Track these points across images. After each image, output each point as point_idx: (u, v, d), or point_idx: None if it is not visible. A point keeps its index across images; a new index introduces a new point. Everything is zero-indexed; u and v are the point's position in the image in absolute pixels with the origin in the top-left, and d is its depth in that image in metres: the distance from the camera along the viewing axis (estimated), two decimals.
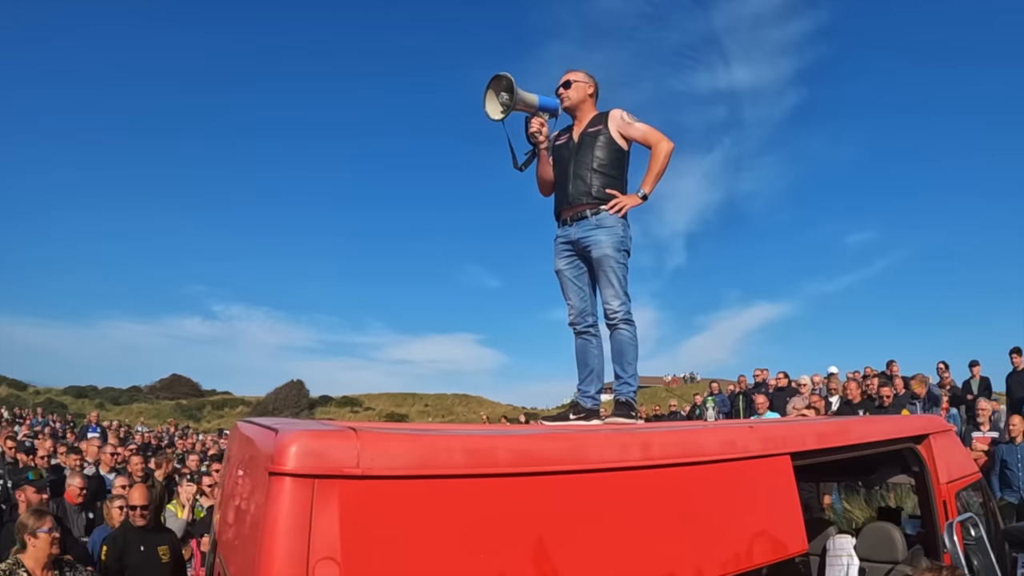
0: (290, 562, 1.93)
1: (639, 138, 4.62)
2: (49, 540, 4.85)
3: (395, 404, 63.59)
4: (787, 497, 3.28)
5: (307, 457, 2.01)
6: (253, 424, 2.95)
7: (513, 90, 4.62)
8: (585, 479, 2.53)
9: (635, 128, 4.61)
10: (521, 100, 4.67)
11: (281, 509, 1.97)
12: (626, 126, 4.61)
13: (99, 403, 56.60)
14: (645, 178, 4.57)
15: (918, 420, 5.34)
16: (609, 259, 4.49)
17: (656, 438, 2.86)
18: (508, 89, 4.66)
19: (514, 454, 2.38)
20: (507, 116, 4.71)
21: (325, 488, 2.00)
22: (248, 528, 2.30)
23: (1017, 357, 14.19)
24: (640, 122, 4.64)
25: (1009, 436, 10.46)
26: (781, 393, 14.40)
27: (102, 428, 22.49)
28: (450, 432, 2.38)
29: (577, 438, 2.66)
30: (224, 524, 3.23)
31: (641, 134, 4.62)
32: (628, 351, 4.54)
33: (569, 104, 4.77)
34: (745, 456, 3.16)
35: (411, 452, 2.16)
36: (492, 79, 4.70)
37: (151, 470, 10.04)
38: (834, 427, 4.19)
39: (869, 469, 5.58)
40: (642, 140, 4.62)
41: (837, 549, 5.26)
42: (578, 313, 4.74)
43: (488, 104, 4.76)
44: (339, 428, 2.17)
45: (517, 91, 4.63)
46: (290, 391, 61.71)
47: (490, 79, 4.71)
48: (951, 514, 4.50)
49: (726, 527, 2.96)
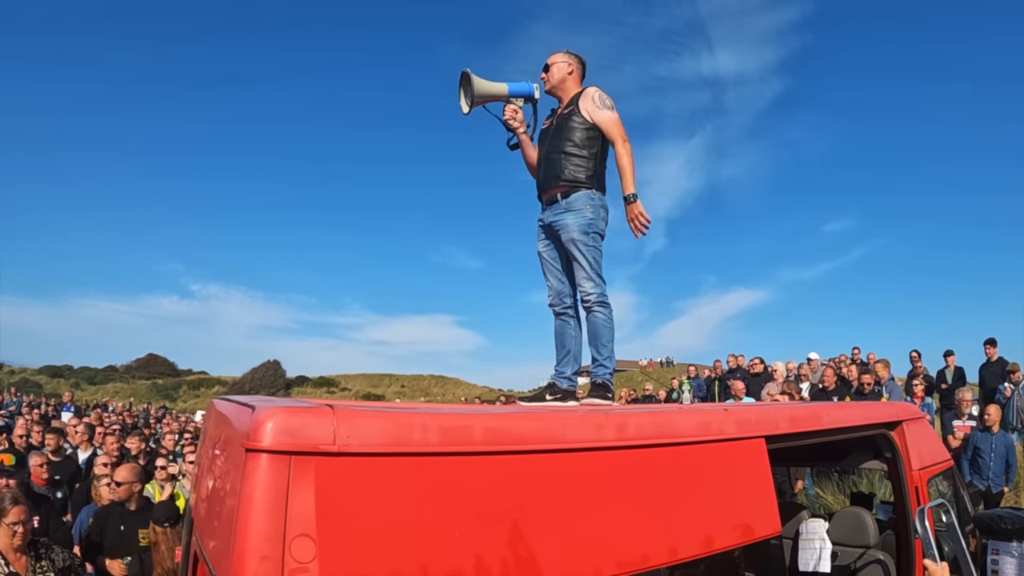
0: (266, 539, 1.93)
1: (602, 126, 4.58)
2: (10, 532, 4.81)
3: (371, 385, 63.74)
4: (761, 480, 3.31)
5: (283, 434, 2.00)
6: (229, 401, 2.93)
7: (470, 84, 4.71)
8: (560, 458, 2.55)
9: (601, 115, 4.59)
10: (484, 93, 4.77)
11: (257, 486, 1.97)
12: (595, 109, 4.59)
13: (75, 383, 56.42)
14: (623, 182, 4.55)
15: (891, 407, 5.38)
16: (576, 242, 4.49)
17: (631, 419, 2.87)
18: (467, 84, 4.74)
19: (489, 432, 2.39)
20: (473, 109, 4.81)
21: (302, 465, 2.00)
22: (224, 506, 2.29)
23: (991, 348, 14.41)
24: (608, 109, 4.60)
25: (985, 425, 10.62)
26: (756, 379, 14.52)
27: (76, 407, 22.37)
28: (426, 410, 2.39)
29: (552, 417, 2.67)
30: (199, 502, 3.22)
31: (604, 124, 4.58)
32: (603, 333, 4.56)
33: (550, 86, 4.80)
34: (720, 438, 3.18)
35: (387, 429, 2.17)
36: (461, 76, 4.78)
37: (127, 450, 9.99)
38: (807, 412, 4.22)
39: (842, 454, 5.63)
40: (604, 129, 4.59)
41: (809, 533, 5.31)
42: (556, 295, 4.76)
43: (461, 100, 4.85)
44: (316, 405, 2.17)
45: (475, 86, 4.72)
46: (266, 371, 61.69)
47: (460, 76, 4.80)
48: (923, 500, 4.55)
49: (700, 508, 2.98)
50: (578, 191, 4.53)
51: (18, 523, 4.83)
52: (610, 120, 4.58)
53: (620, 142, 4.55)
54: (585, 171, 4.55)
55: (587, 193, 4.54)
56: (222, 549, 2.19)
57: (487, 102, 4.84)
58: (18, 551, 4.89)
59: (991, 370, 14.21)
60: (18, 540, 4.86)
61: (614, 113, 4.61)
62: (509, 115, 4.88)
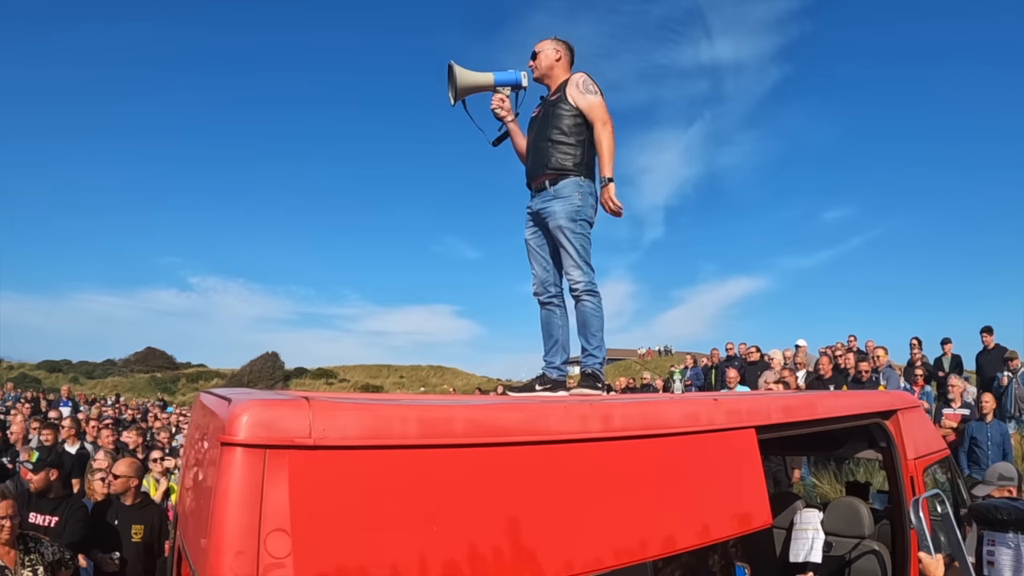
0: (241, 534, 1.90)
1: (584, 110, 4.55)
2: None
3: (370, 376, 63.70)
4: (751, 470, 3.28)
5: (258, 427, 1.97)
6: (212, 395, 2.91)
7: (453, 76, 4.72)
8: (544, 450, 2.51)
9: (584, 99, 4.55)
10: (468, 84, 4.77)
11: (232, 480, 1.94)
12: (579, 95, 4.56)
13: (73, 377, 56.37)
14: (600, 164, 4.54)
15: (886, 396, 5.35)
16: (564, 229, 4.46)
17: (617, 410, 2.83)
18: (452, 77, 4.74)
19: (470, 424, 2.35)
20: (459, 100, 4.82)
21: (276, 458, 1.97)
22: (203, 500, 2.27)
23: (988, 336, 14.37)
24: (592, 94, 4.58)
25: (980, 414, 10.58)
26: (753, 367, 14.51)
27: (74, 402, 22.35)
28: (407, 402, 2.35)
29: (535, 409, 2.63)
30: (183, 497, 3.21)
31: (587, 108, 4.55)
32: (593, 322, 4.52)
33: (538, 74, 4.77)
34: (708, 429, 3.14)
35: (364, 422, 2.13)
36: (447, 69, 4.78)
37: (123, 444, 9.96)
38: (800, 401, 4.19)
39: (837, 444, 5.61)
40: (586, 113, 4.56)
41: (803, 523, 5.29)
42: (540, 283, 4.73)
43: (449, 92, 4.84)
44: (292, 397, 2.14)
45: (458, 78, 4.73)
46: (265, 363, 61.65)
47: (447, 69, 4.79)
48: (918, 490, 4.53)
49: (688, 500, 2.94)
50: (566, 178, 4.50)
51: (5, 518, 4.81)
52: (592, 103, 4.54)
53: (599, 124, 4.52)
54: (573, 158, 4.51)
55: (575, 180, 4.50)
56: (200, 544, 2.17)
57: (473, 93, 4.82)
58: (6, 545, 4.88)
59: (989, 358, 14.18)
60: (5, 535, 4.84)
61: (597, 97, 4.57)
62: (496, 104, 4.85)
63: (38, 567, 5.00)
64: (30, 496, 6.11)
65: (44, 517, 6.05)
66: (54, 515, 6.09)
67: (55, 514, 6.10)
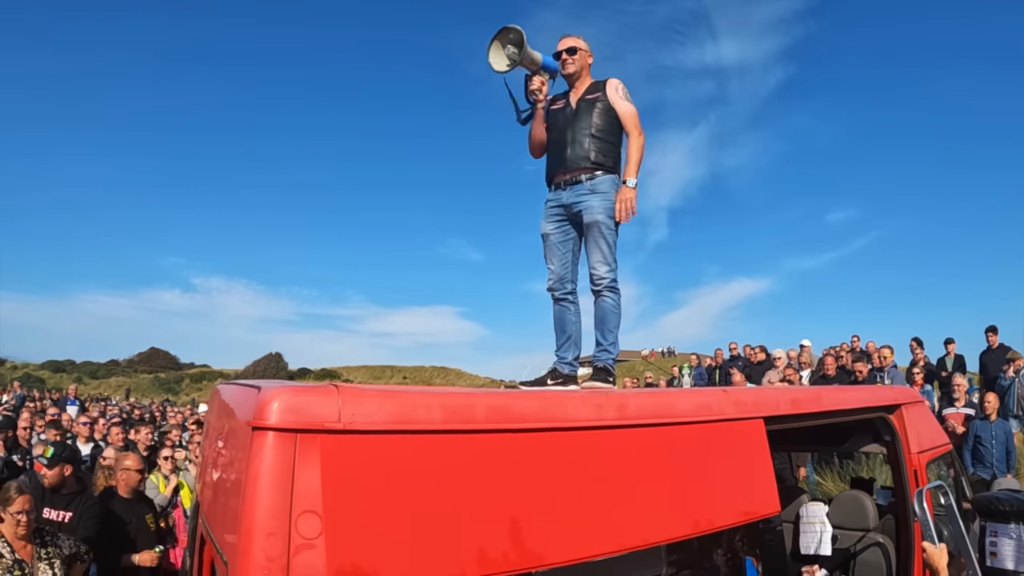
0: (272, 515, 1.96)
1: (621, 115, 4.63)
2: (15, 521, 4.86)
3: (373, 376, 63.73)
4: (760, 460, 3.34)
5: (289, 412, 2.04)
6: (234, 384, 2.97)
7: (523, 45, 4.63)
8: (561, 437, 2.58)
9: (623, 105, 4.63)
10: (528, 57, 4.69)
11: (264, 463, 2.00)
12: (618, 99, 4.63)
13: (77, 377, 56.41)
14: (628, 167, 4.58)
15: (890, 391, 5.41)
16: (600, 225, 4.50)
17: (631, 399, 2.90)
18: (518, 43, 4.66)
19: (491, 411, 2.43)
20: (511, 70, 4.73)
21: (307, 442, 2.03)
22: (231, 485, 2.32)
23: (992, 335, 14.39)
24: (629, 102, 4.66)
25: (984, 413, 10.60)
26: (758, 367, 14.50)
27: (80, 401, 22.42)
28: (430, 391, 2.42)
29: (554, 396, 2.71)
30: (206, 485, 3.26)
31: (624, 115, 4.63)
32: (611, 318, 4.58)
33: (573, 70, 4.75)
34: (719, 418, 3.21)
35: (391, 408, 2.20)
36: (500, 30, 4.72)
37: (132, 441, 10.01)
38: (807, 394, 4.25)
39: (842, 438, 5.65)
40: (623, 119, 4.63)
41: (810, 516, 5.34)
42: (557, 279, 4.75)
43: (492, 54, 4.78)
44: (321, 385, 2.20)
45: (526, 47, 4.65)
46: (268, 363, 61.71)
47: (499, 29, 4.72)
48: (922, 483, 4.57)
49: (699, 487, 3.01)
50: (605, 175, 4.59)
51: (22, 512, 4.86)
52: (630, 112, 4.64)
53: (636, 134, 4.62)
54: (611, 157, 4.62)
55: (612, 178, 4.60)
56: (229, 527, 2.23)
57: (523, 67, 4.79)
58: (23, 539, 4.93)
59: (992, 357, 14.20)
60: (22, 529, 4.89)
61: (633, 107, 4.68)
62: (537, 86, 4.86)
63: (55, 560, 5.05)
64: (44, 492, 6.15)
65: (58, 512, 6.10)
66: (68, 510, 6.15)
67: (69, 509, 6.15)
